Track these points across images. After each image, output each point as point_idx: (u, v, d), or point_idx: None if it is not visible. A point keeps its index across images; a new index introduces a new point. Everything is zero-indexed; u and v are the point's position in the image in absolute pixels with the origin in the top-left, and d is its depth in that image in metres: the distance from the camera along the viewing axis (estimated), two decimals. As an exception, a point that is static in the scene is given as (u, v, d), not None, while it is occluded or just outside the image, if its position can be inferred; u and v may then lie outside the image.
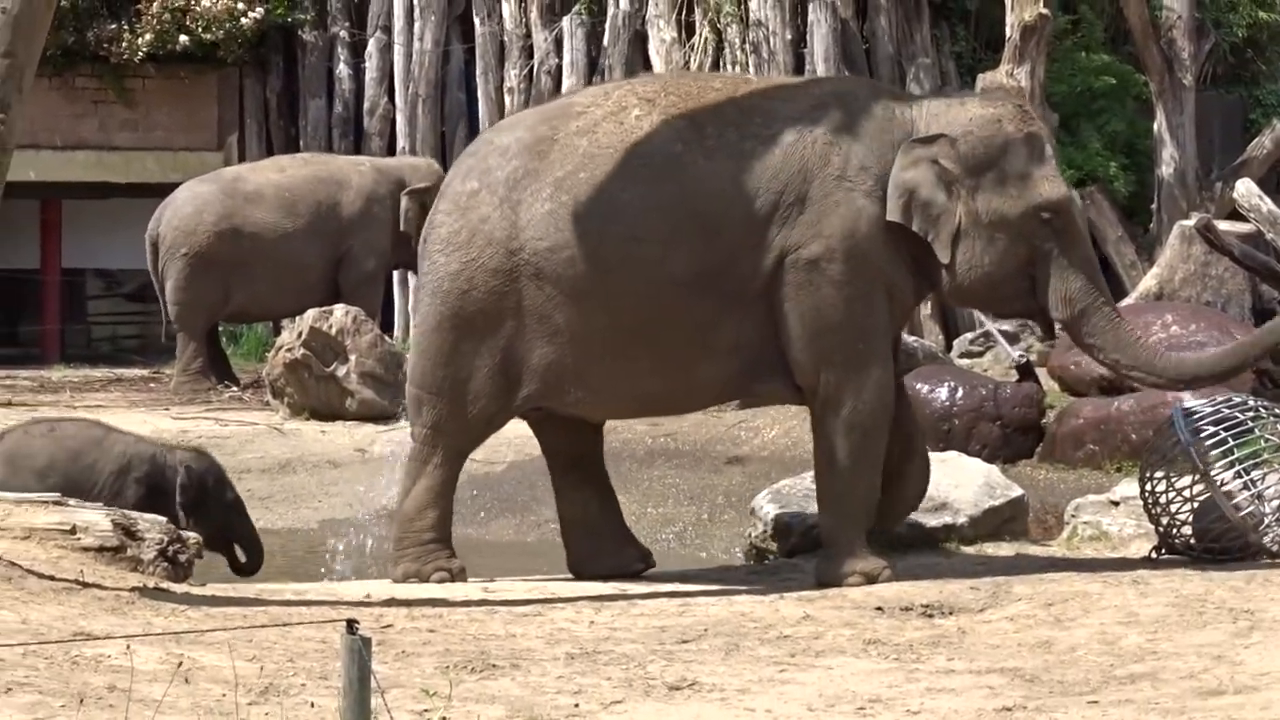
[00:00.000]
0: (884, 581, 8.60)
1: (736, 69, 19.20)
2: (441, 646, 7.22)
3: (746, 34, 19.68)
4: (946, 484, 9.83)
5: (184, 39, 20.46)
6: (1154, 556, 9.13)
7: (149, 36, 20.44)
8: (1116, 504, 9.99)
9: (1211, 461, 8.94)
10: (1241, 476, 8.90)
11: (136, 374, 18.60)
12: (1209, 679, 6.43)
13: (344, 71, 21.38)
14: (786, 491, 10.11)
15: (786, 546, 9.85)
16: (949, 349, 15.71)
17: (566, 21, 20.53)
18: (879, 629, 7.62)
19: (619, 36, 20.21)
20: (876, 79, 18.85)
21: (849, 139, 8.77)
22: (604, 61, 20.31)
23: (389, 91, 21.16)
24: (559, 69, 20.59)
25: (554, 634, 7.58)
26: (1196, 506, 9.00)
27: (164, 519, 8.87)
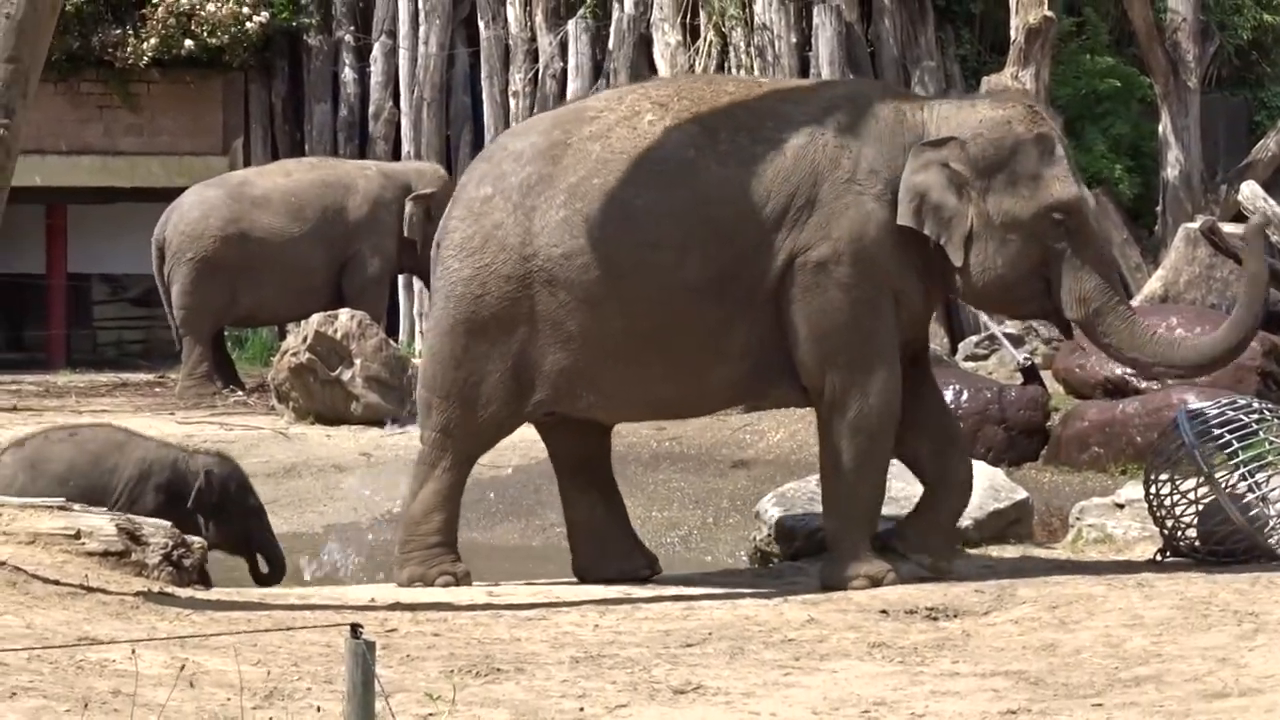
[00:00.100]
0: (889, 584, 8.60)
1: (741, 72, 19.19)
2: (446, 650, 7.22)
3: (751, 37, 19.68)
4: (951, 487, 9.81)
5: (189, 44, 20.46)
6: (1159, 559, 9.13)
7: (154, 41, 20.45)
8: (1121, 506, 10.00)
9: (1216, 464, 8.94)
10: (1246, 479, 8.90)
11: (142, 379, 18.61)
12: (1214, 681, 6.43)
13: (349, 76, 21.38)
14: (791, 495, 10.12)
15: (791, 550, 9.86)
16: (954, 352, 15.70)
17: (571, 25, 20.54)
18: (883, 632, 7.62)
19: (624, 40, 20.21)
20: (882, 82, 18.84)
21: (859, 142, 8.78)
22: (609, 65, 20.31)
23: (394, 95, 21.16)
24: (564, 72, 20.59)
25: (558, 638, 7.58)
26: (1201, 509, 9.00)
27: (169, 523, 8.87)
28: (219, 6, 20.47)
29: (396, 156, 20.46)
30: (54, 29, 8.58)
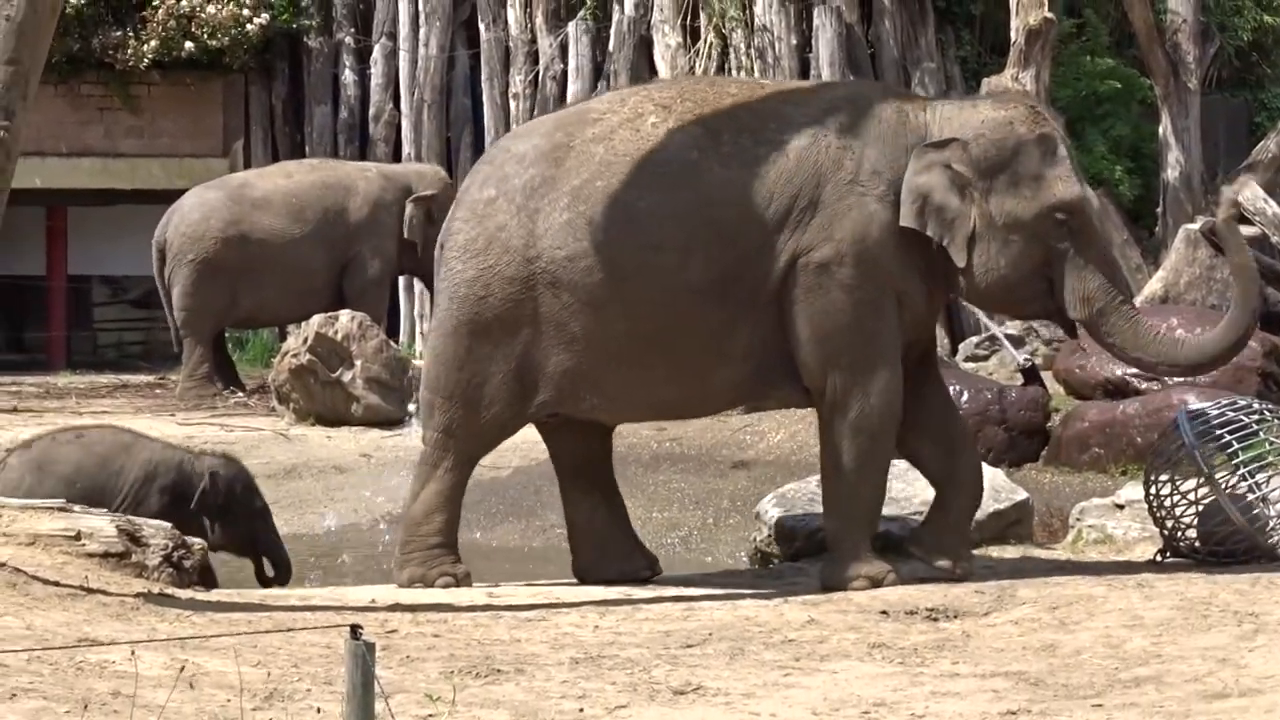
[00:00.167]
0: (889, 585, 8.60)
1: (742, 74, 19.19)
2: (446, 651, 7.22)
3: (751, 39, 19.68)
4: (951, 488, 9.81)
5: (189, 45, 20.46)
6: (1159, 560, 9.13)
7: (154, 43, 20.44)
8: (1121, 507, 10.00)
9: (1216, 465, 8.94)
10: (1246, 479, 8.90)
11: (142, 380, 18.61)
12: (1214, 682, 6.43)
13: (349, 78, 21.37)
14: (791, 495, 10.12)
15: (791, 550, 9.86)
16: (954, 353, 15.71)
17: (572, 27, 20.53)
18: (884, 633, 7.62)
19: (624, 42, 20.20)
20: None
21: (862, 143, 8.79)
22: (609, 67, 20.31)
23: (394, 97, 21.15)
24: (564, 74, 20.58)
25: (558, 639, 7.58)
26: (1201, 510, 9.00)
27: (169, 525, 8.88)
28: (219, 8, 20.47)
29: (397, 158, 20.45)
30: (54, 31, 8.58)
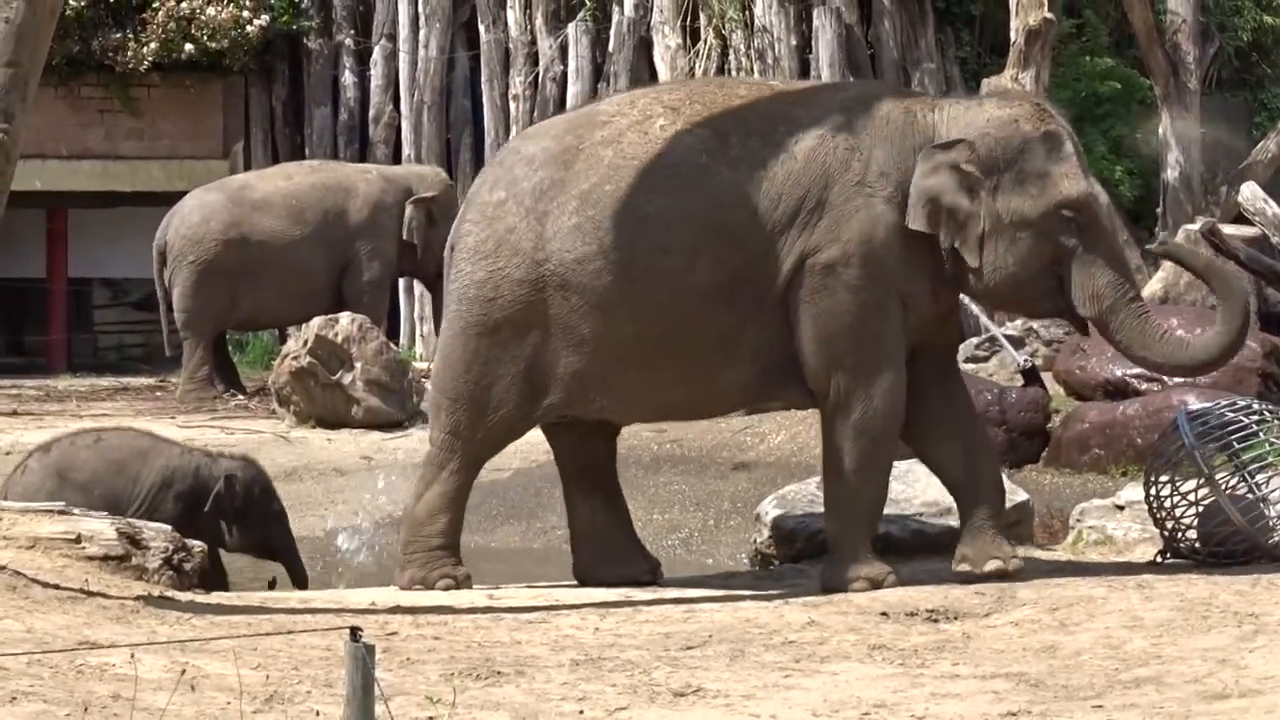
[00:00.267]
0: (889, 587, 8.60)
1: (742, 75, 19.20)
2: (446, 653, 7.22)
3: (751, 40, 19.68)
4: (952, 489, 9.81)
5: (189, 48, 20.46)
6: (1159, 561, 9.13)
7: (154, 45, 20.44)
8: (1121, 508, 9.99)
9: (1216, 465, 8.94)
10: (1246, 480, 8.90)
11: (143, 383, 18.60)
12: (1214, 683, 6.43)
13: (349, 79, 21.37)
14: (792, 497, 10.11)
15: (791, 552, 9.86)
16: (954, 354, 15.69)
17: (571, 28, 20.54)
18: (884, 634, 7.62)
19: (624, 43, 20.21)
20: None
21: (869, 144, 8.78)
22: (609, 68, 20.31)
23: (394, 99, 21.16)
24: (564, 75, 20.59)
25: (559, 641, 7.58)
26: (1201, 510, 9.00)
27: (169, 527, 8.89)
28: (219, 10, 20.48)
29: (397, 160, 20.45)
30: (54, 33, 8.59)
